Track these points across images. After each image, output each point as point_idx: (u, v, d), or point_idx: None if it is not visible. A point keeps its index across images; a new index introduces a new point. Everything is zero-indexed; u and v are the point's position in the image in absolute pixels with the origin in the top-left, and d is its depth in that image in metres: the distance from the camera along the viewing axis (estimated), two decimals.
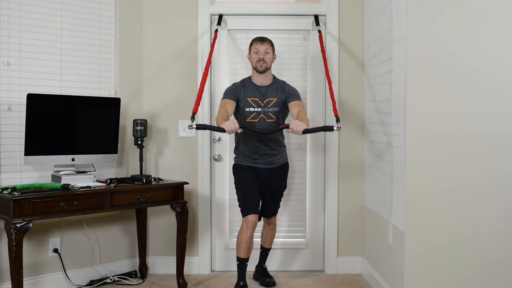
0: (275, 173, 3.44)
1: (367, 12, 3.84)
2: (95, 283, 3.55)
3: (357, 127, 3.94)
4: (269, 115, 3.35)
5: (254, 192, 3.37)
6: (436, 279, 2.86)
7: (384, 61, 3.31)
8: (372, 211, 3.68)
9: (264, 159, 3.39)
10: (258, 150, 3.37)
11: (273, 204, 3.51)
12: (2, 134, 3.21)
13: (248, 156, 3.40)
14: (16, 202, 2.79)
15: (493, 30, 2.84)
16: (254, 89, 3.38)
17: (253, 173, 3.40)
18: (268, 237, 3.62)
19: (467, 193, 2.85)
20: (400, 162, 2.95)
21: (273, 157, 3.41)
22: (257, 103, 3.36)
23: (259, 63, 3.32)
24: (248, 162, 3.40)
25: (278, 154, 3.44)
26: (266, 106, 3.35)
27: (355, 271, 3.95)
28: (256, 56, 3.33)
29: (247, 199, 3.34)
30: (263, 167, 3.40)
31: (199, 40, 3.89)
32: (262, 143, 3.36)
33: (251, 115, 3.35)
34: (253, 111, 3.35)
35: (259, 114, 3.34)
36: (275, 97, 3.36)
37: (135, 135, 3.55)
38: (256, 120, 3.34)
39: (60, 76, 3.46)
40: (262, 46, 3.34)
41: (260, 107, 3.35)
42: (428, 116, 2.84)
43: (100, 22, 3.66)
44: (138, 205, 3.35)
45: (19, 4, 3.27)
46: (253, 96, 3.36)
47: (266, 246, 3.66)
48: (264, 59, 3.32)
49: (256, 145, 3.36)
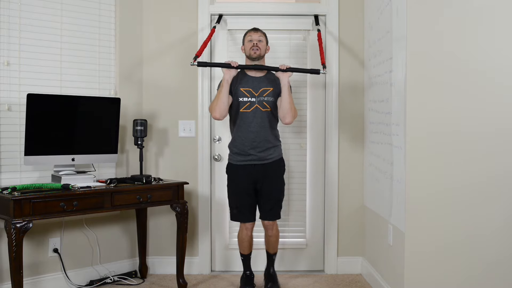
0: (269, 170, 3.38)
1: (367, 12, 3.84)
2: (95, 283, 3.55)
3: (357, 127, 3.94)
4: (264, 104, 3.35)
5: (248, 201, 3.39)
6: (436, 279, 2.86)
7: (384, 61, 3.31)
8: (372, 211, 3.68)
9: (257, 153, 3.35)
10: (251, 141, 3.33)
11: (272, 203, 3.42)
12: (2, 134, 3.21)
13: (242, 150, 3.35)
14: (16, 202, 2.79)
15: (493, 30, 2.84)
16: (247, 80, 3.39)
17: (246, 176, 3.37)
18: (270, 243, 3.53)
19: (467, 193, 2.85)
20: (400, 162, 2.95)
21: (267, 151, 3.37)
22: (251, 93, 3.36)
23: (253, 50, 3.36)
24: (241, 157, 3.37)
25: (271, 148, 3.39)
26: (261, 95, 3.35)
27: (355, 271, 3.95)
28: (250, 44, 3.38)
29: (240, 208, 3.41)
30: (256, 163, 3.36)
31: (199, 40, 3.89)
32: (256, 134, 3.33)
33: (245, 105, 3.35)
34: (246, 101, 3.35)
35: (253, 104, 3.34)
36: (271, 87, 3.38)
37: (135, 135, 3.55)
38: (249, 110, 3.34)
39: (60, 76, 3.46)
40: (255, 34, 3.39)
41: (254, 97, 3.35)
42: (428, 116, 2.84)
43: (100, 22, 3.66)
44: (138, 205, 3.35)
45: (19, 4, 3.27)
46: (246, 86, 3.37)
47: (270, 252, 3.57)
48: (257, 45, 3.36)
49: (251, 137, 3.33)
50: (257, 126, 3.34)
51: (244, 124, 3.36)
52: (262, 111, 3.35)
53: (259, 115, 3.34)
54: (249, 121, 3.35)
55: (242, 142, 3.37)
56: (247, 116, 3.34)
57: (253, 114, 3.34)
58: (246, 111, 3.35)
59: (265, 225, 3.48)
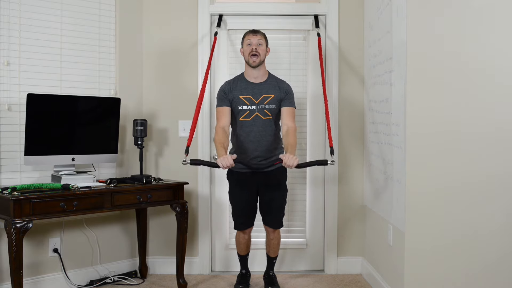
0: (271, 178, 3.30)
1: (367, 12, 3.84)
2: (95, 283, 3.55)
3: (357, 127, 3.94)
4: (265, 112, 3.21)
5: (248, 210, 3.36)
6: (436, 279, 2.86)
7: (384, 61, 3.31)
8: (372, 211, 3.68)
9: (258, 162, 3.23)
10: (252, 151, 3.23)
11: (275, 211, 3.35)
12: (2, 134, 3.21)
13: (243, 159, 3.20)
14: (16, 202, 2.79)
15: (493, 30, 2.84)
16: (247, 86, 3.25)
17: (247, 184, 3.30)
18: (271, 247, 3.49)
19: (467, 193, 2.85)
20: (400, 162, 2.95)
21: (268, 160, 3.24)
22: (251, 100, 3.21)
23: (252, 58, 3.20)
24: (241, 166, 3.21)
25: (274, 157, 3.25)
26: (261, 103, 3.21)
27: (355, 271, 3.95)
28: (249, 48, 3.21)
29: (240, 218, 3.39)
30: (258, 172, 3.25)
31: (199, 40, 3.89)
32: (257, 144, 3.23)
33: (244, 113, 3.21)
34: (246, 109, 3.21)
35: (253, 112, 3.21)
36: (273, 94, 3.24)
37: (135, 135, 3.55)
38: (249, 119, 3.21)
39: (60, 76, 3.46)
40: (255, 38, 3.22)
41: (254, 104, 3.21)
42: (428, 116, 2.84)
43: (100, 22, 3.66)
44: (138, 205, 3.35)
45: (19, 4, 3.27)
46: (245, 93, 3.23)
47: (270, 255, 3.54)
48: (257, 51, 3.19)
49: (252, 147, 3.23)
50: (257, 136, 3.21)
51: (244, 133, 3.23)
52: (263, 120, 3.21)
53: (259, 123, 3.21)
54: (249, 130, 3.22)
55: (242, 151, 3.24)
56: (247, 125, 3.21)
57: (253, 123, 3.21)
58: (245, 120, 3.22)
59: (267, 229, 3.45)
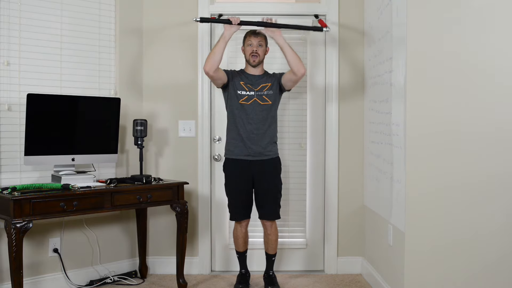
0: (266, 167, 3.42)
1: (367, 12, 3.84)
2: (95, 283, 3.55)
3: (357, 127, 3.94)
4: (264, 98, 3.41)
5: (244, 199, 3.44)
6: (436, 279, 2.86)
7: (384, 61, 3.31)
8: (372, 211, 3.68)
9: (254, 147, 3.38)
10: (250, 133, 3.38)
11: (270, 201, 3.44)
12: (2, 134, 3.21)
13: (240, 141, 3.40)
14: (16, 202, 2.79)
15: (493, 30, 2.84)
16: (247, 76, 3.48)
17: (243, 173, 3.41)
18: (269, 243, 3.52)
19: (467, 193, 2.85)
20: (400, 162, 2.95)
21: (265, 147, 3.40)
22: (250, 87, 3.43)
23: (252, 58, 3.42)
24: (238, 150, 3.40)
25: (270, 145, 3.43)
26: (260, 90, 3.42)
27: (355, 271, 3.95)
28: (250, 49, 3.43)
29: (236, 208, 3.45)
30: (254, 159, 3.39)
31: (199, 40, 3.89)
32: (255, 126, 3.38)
33: (243, 97, 3.40)
34: (245, 94, 3.41)
35: (252, 98, 3.40)
36: (269, 82, 3.45)
37: (135, 135, 3.55)
38: (248, 102, 3.40)
39: (60, 76, 3.46)
40: (255, 39, 3.43)
41: (252, 91, 3.41)
42: (428, 116, 2.84)
43: (100, 22, 3.66)
44: (138, 205, 3.35)
45: (19, 4, 3.27)
46: (245, 81, 3.44)
47: (269, 252, 3.56)
48: (257, 52, 3.41)
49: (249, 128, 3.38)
50: (255, 119, 3.38)
51: (243, 114, 3.40)
52: (261, 105, 3.40)
53: (258, 108, 3.39)
54: (248, 113, 3.39)
55: (240, 132, 3.40)
56: (246, 108, 3.39)
57: (252, 107, 3.39)
58: (244, 103, 3.40)
59: (264, 224, 3.50)
